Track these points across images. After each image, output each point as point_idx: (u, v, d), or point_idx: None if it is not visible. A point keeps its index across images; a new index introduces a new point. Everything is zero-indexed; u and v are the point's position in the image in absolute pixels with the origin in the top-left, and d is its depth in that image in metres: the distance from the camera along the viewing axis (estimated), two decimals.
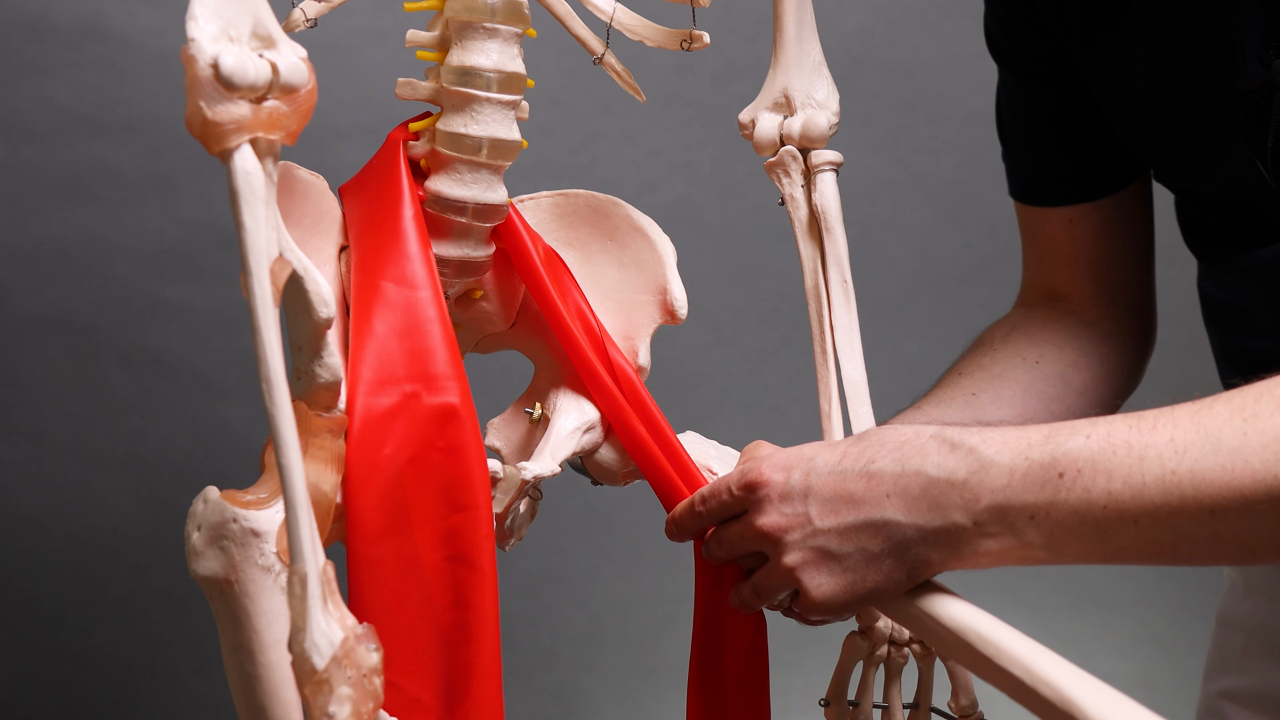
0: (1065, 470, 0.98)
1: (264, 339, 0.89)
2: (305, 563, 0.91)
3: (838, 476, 1.05)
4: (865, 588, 1.05)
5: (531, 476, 1.12)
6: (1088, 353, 1.45)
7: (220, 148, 0.89)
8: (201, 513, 1.01)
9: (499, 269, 1.18)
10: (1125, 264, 1.48)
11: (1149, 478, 0.96)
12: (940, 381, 1.43)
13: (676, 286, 1.20)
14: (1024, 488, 0.99)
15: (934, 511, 1.01)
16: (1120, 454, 0.97)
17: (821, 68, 1.22)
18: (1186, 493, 0.95)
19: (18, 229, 2.39)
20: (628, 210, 1.21)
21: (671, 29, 1.19)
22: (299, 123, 0.92)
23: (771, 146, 1.23)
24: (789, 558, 1.07)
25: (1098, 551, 0.99)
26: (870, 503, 1.03)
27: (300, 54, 0.92)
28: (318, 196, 1.09)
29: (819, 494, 1.05)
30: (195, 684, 2.51)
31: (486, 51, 1.08)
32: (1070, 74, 1.41)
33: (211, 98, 0.88)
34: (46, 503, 2.46)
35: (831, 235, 1.21)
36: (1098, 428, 0.99)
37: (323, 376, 1.01)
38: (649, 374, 1.21)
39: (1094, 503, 0.97)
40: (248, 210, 0.89)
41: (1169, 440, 0.97)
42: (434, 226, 1.11)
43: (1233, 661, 1.52)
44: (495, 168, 1.10)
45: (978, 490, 1.00)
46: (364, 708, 0.93)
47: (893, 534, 1.03)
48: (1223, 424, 0.96)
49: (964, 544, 1.01)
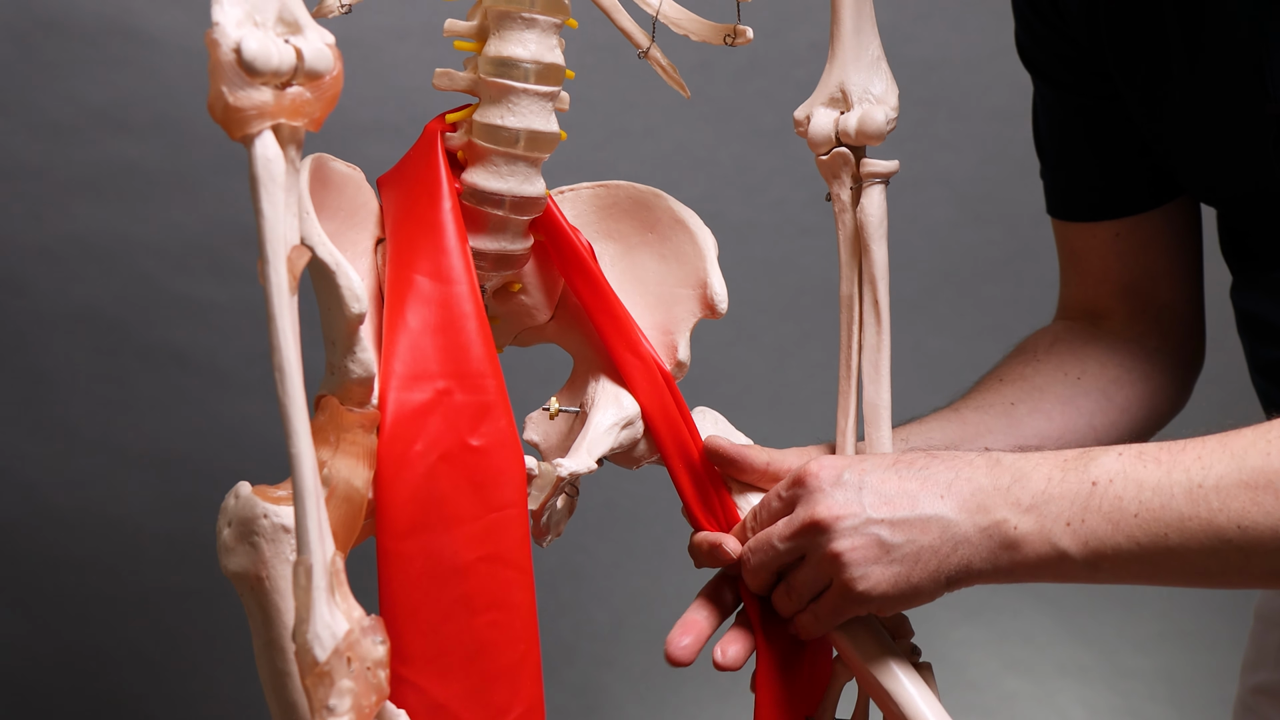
0: (1098, 479, 1.03)
1: (278, 327, 0.88)
2: (311, 553, 0.91)
3: (893, 474, 1.07)
4: (910, 584, 1.06)
5: (567, 473, 1.10)
6: (1130, 369, 1.43)
7: (241, 133, 0.88)
8: (232, 508, 1.00)
9: (538, 261, 1.16)
10: (1173, 280, 1.45)
11: (1177, 490, 1.01)
12: (979, 385, 1.42)
13: (717, 280, 1.17)
14: (1060, 494, 1.03)
15: (982, 512, 1.04)
16: (1150, 467, 1.02)
17: (880, 62, 1.17)
18: (1214, 505, 1.00)
19: (42, 225, 2.40)
20: (669, 202, 1.18)
21: (716, 24, 1.16)
22: (324, 109, 0.90)
23: (827, 143, 1.17)
24: (839, 543, 1.06)
25: (1132, 568, 1.03)
26: (925, 499, 1.05)
27: (327, 40, 0.91)
28: (354, 189, 1.07)
29: (873, 487, 1.07)
30: (218, 679, 2.52)
31: (524, 42, 1.06)
32: (1103, 84, 1.39)
33: (233, 83, 0.86)
34: (70, 498, 2.46)
35: (869, 253, 1.17)
36: (1130, 448, 1.05)
37: (355, 372, 1.00)
38: (688, 369, 1.19)
39: (1126, 510, 1.02)
40: (266, 197, 0.88)
41: (1196, 458, 1.02)
42: (471, 219, 1.09)
43: (1269, 657, 1.52)
44: (533, 160, 1.08)
45: (1019, 494, 1.04)
46: (366, 701, 0.92)
47: (945, 530, 1.05)
48: (1248, 445, 1.01)
49: (1005, 551, 1.04)
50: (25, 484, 2.45)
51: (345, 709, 0.91)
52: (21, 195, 2.39)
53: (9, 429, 2.44)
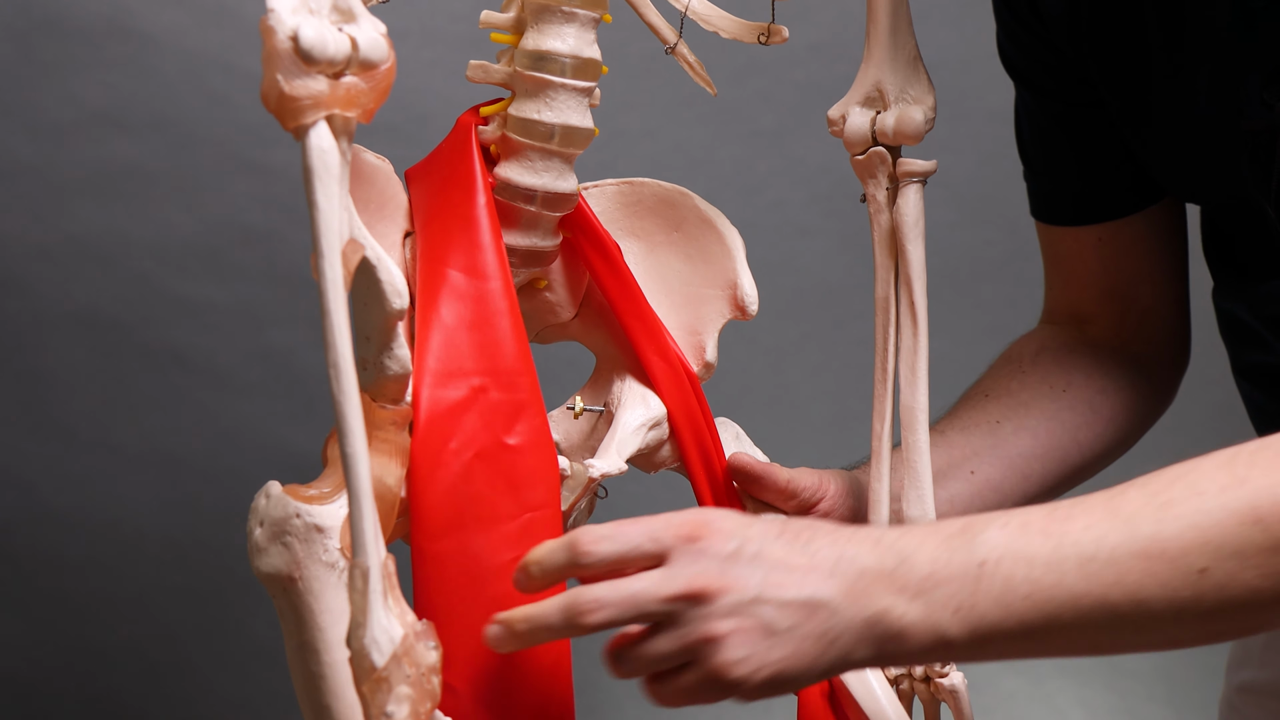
0: (986, 558, 0.94)
1: (333, 323, 0.86)
2: (368, 556, 0.88)
3: (782, 546, 0.95)
4: (785, 675, 0.95)
5: (599, 475, 1.08)
6: (1116, 378, 1.42)
7: (296, 123, 0.86)
8: (263, 508, 0.98)
9: (564, 259, 1.14)
10: (1156, 284, 1.44)
11: (1069, 565, 0.93)
12: (965, 400, 1.40)
13: (747, 281, 1.16)
14: (948, 577, 0.93)
15: (867, 598, 0.94)
16: (1038, 541, 0.93)
17: (917, 62, 1.15)
18: (1108, 579, 0.93)
19: (41, 226, 2.39)
20: (696, 201, 1.17)
21: (749, 22, 1.15)
22: (376, 101, 0.89)
23: (863, 143, 1.16)
24: (721, 624, 0.93)
25: (1017, 647, 0.95)
26: (813, 580, 0.94)
27: (380, 29, 0.89)
28: (383, 181, 1.05)
29: (765, 559, 0.94)
30: (217, 679, 2.51)
31: (563, 36, 1.04)
32: (1086, 91, 1.38)
33: (289, 71, 0.84)
34: (69, 498, 2.46)
35: (905, 254, 1.14)
36: (1013, 517, 0.95)
37: (391, 368, 0.98)
38: (715, 370, 1.18)
39: (1016, 591, 0.93)
40: (321, 189, 0.86)
41: (1085, 528, 0.94)
42: (503, 214, 1.07)
43: (1254, 656, 1.52)
44: (567, 156, 1.07)
45: (906, 578, 0.94)
46: (422, 708, 0.90)
47: (830, 617, 0.94)
48: (1137, 511, 0.94)
49: (889, 640, 0.95)
50: (24, 484, 2.44)
51: (404, 715, 0.89)
52: (20, 195, 2.38)
53: (8, 429, 2.43)
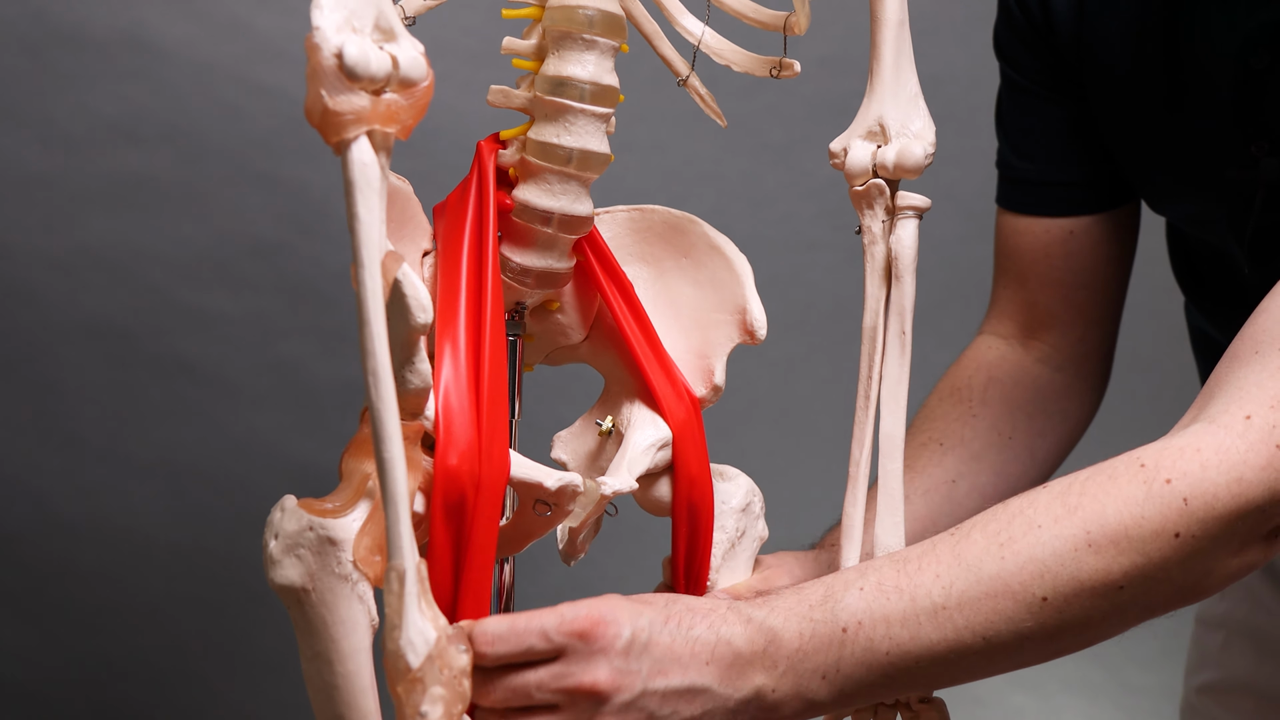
0: (848, 625, 1.02)
1: (373, 332, 0.89)
2: (404, 559, 0.91)
3: (666, 635, 1.01)
4: None
5: (611, 492, 1.10)
6: (1052, 414, 1.46)
7: (338, 138, 0.88)
8: (278, 521, 1.00)
9: (575, 282, 1.16)
10: (1110, 288, 1.47)
11: (923, 618, 1.01)
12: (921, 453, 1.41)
13: (757, 306, 1.19)
14: (814, 649, 1.02)
15: (742, 679, 1.01)
16: (894, 600, 1.02)
17: (918, 99, 1.18)
18: (959, 624, 1.01)
19: (53, 236, 2.40)
20: (704, 228, 1.19)
21: (760, 56, 1.17)
22: (414, 117, 0.91)
23: (864, 175, 1.17)
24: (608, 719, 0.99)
25: (877, 694, 1.04)
26: (694, 668, 1.01)
27: (419, 49, 0.91)
28: (404, 201, 1.08)
29: (651, 651, 1.00)
30: (225, 690, 2.52)
31: (583, 63, 1.07)
32: (1077, 90, 1.41)
33: (333, 87, 0.87)
34: (80, 508, 2.47)
35: (900, 284, 1.16)
36: (868, 578, 1.03)
37: (413, 382, 1.00)
38: (723, 394, 1.19)
39: (877, 650, 1.02)
40: (363, 202, 0.89)
41: (935, 577, 1.02)
42: (519, 236, 1.09)
43: (1212, 657, 1.57)
44: (584, 179, 1.09)
45: (775, 656, 1.02)
46: (454, 709, 0.93)
47: (709, 701, 1.01)
48: (981, 553, 1.02)
49: (764, 713, 1.03)
50: (34, 494, 2.45)
51: (438, 715, 0.91)
52: (33, 206, 2.39)
53: (19, 439, 2.44)
